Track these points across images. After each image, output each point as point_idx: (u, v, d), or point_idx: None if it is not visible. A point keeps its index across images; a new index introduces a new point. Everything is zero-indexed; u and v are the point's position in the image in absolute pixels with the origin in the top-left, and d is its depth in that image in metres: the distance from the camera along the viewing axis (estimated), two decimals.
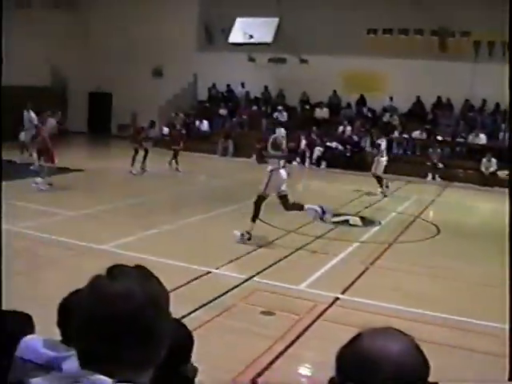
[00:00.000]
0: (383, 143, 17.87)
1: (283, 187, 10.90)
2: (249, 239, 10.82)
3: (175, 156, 20.05)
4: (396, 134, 24.22)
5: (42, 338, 3.11)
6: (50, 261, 9.25)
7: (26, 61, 26.42)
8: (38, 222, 11.60)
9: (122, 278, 1.45)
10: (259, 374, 5.75)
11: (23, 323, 3.75)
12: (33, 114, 19.91)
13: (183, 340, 2.62)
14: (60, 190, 15.09)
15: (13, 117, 22.65)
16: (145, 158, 18.69)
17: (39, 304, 7.23)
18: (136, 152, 18.46)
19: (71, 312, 2.86)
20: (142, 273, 1.50)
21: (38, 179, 14.85)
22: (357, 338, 1.46)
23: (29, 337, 3.15)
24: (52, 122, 15.28)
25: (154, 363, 1.48)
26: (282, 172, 10.93)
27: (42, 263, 9.11)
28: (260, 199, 11.03)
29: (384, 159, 17.76)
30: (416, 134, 24.14)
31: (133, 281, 1.44)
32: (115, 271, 1.48)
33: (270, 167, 10.93)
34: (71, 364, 2.82)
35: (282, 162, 11.06)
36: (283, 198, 10.91)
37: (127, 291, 1.42)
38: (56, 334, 3.47)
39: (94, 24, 30.32)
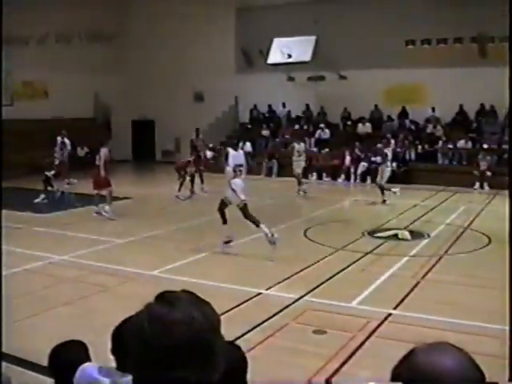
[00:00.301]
0: (389, 152, 18.00)
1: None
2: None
3: (200, 177, 20.57)
4: (440, 144, 23.98)
5: (97, 365, 3.19)
6: (101, 289, 9.40)
7: (70, 94, 27.06)
8: (88, 250, 11.81)
9: (178, 304, 1.48)
10: None
11: (79, 351, 3.84)
12: (67, 141, 20.31)
13: (237, 362, 2.66)
14: (108, 219, 15.35)
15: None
16: (192, 181, 19.05)
17: (93, 332, 7.39)
18: (186, 178, 18.85)
19: (125, 339, 2.94)
20: (193, 297, 1.53)
21: (106, 208, 15.30)
22: (411, 354, 1.46)
23: (85, 364, 3.24)
24: (105, 151, 15.57)
25: None
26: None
27: (93, 291, 9.25)
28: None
29: (389, 169, 18.10)
30: (461, 143, 23.85)
31: (190, 306, 1.47)
32: (169, 298, 1.50)
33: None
34: None
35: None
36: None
37: (188, 317, 1.45)
38: (110, 361, 3.55)
39: (133, 53, 30.93)
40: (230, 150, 12.42)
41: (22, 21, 24.55)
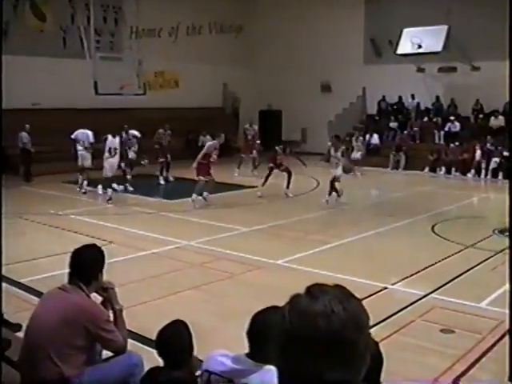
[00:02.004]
0: None
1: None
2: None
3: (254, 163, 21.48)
4: None
5: (227, 352, 3.22)
6: (227, 275, 9.54)
7: (200, 84, 27.74)
8: (214, 237, 12.04)
9: (322, 297, 1.45)
10: None
11: (183, 332, 3.91)
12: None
13: (374, 359, 2.59)
14: (236, 207, 15.61)
15: (186, 138, 23.85)
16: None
17: (217, 316, 7.53)
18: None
19: (263, 329, 2.94)
20: (341, 291, 1.49)
21: (205, 193, 15.68)
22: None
23: (217, 351, 3.28)
24: (211, 144, 15.81)
25: None
26: None
27: (219, 277, 9.41)
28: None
29: None
30: None
31: (333, 300, 1.44)
32: (315, 290, 1.48)
33: None
34: (257, 379, 2.91)
35: None
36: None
37: (328, 311, 1.41)
38: (229, 347, 3.57)
39: (260, 44, 31.19)
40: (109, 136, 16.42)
41: (153, 13, 25.39)
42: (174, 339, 3.83)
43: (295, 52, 29.76)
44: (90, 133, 17.69)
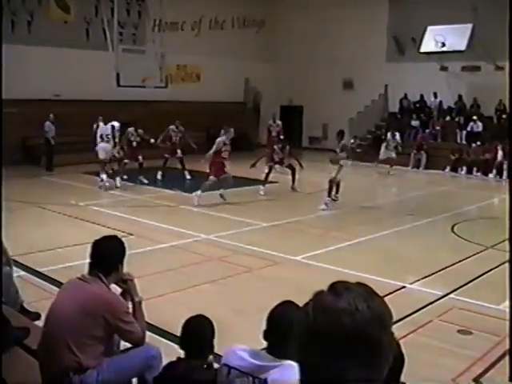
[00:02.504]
0: None
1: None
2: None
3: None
4: None
5: (248, 347, 3.22)
6: (245, 270, 9.55)
7: (221, 78, 27.78)
8: (233, 231, 12.08)
9: (346, 294, 1.44)
10: None
11: (206, 327, 3.94)
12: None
13: (396, 359, 2.57)
14: (255, 202, 15.61)
15: (209, 132, 23.84)
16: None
17: (234, 311, 7.53)
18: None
19: (282, 324, 2.94)
20: (365, 289, 1.49)
21: (221, 190, 15.56)
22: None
23: (237, 346, 3.28)
24: (220, 140, 15.43)
25: None
26: None
27: (237, 272, 9.42)
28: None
29: None
30: None
31: (357, 298, 1.43)
32: (339, 287, 1.47)
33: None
34: (277, 374, 2.91)
35: None
36: None
37: (352, 308, 1.41)
38: (246, 341, 3.57)
39: (282, 39, 31.19)
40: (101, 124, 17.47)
41: (176, 6, 25.44)
42: (199, 331, 3.86)
43: (317, 48, 29.67)
44: (108, 126, 17.75)
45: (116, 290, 4.53)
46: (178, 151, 19.09)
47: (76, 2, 24.41)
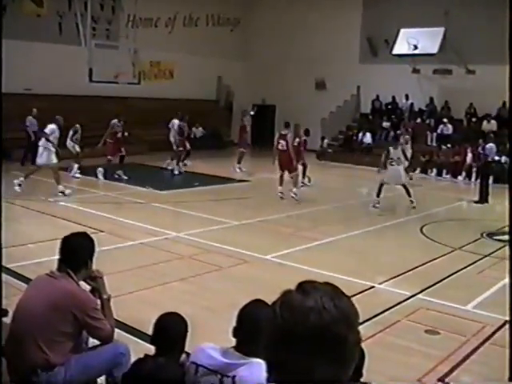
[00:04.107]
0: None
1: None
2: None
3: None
4: None
5: (216, 345, 3.23)
6: (215, 268, 9.55)
7: (194, 76, 27.72)
8: (203, 229, 12.06)
9: (313, 293, 1.46)
10: None
11: (180, 325, 3.95)
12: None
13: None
14: (226, 200, 15.60)
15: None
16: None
17: (205, 309, 7.53)
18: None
19: (251, 323, 2.96)
20: (332, 289, 1.51)
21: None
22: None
23: (205, 344, 3.29)
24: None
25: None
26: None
27: (207, 270, 9.41)
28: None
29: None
30: None
31: (324, 297, 1.46)
32: (307, 286, 1.50)
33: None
34: (245, 372, 2.92)
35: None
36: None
37: (319, 307, 1.43)
38: (216, 340, 3.59)
39: (257, 39, 31.25)
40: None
41: (151, 2, 25.33)
42: (172, 329, 3.86)
43: (291, 48, 29.74)
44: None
45: (85, 287, 4.50)
46: (122, 149, 18.35)
47: None
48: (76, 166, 17.82)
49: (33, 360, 4.03)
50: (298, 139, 16.87)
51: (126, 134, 18.18)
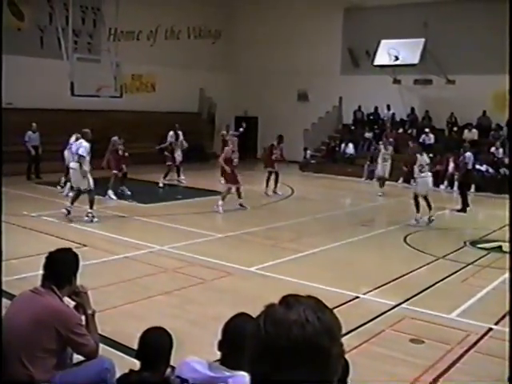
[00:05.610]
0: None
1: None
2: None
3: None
4: None
5: (201, 359, 3.24)
6: (199, 281, 9.53)
7: (176, 88, 27.75)
8: (187, 242, 12.04)
9: (296, 307, 1.48)
10: None
11: (165, 339, 3.95)
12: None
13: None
14: (210, 213, 15.58)
15: (161, 143, 23.68)
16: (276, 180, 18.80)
17: (189, 322, 7.52)
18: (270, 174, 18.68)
19: (236, 336, 2.96)
20: (315, 302, 1.53)
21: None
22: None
23: (190, 357, 3.29)
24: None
25: None
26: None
27: (191, 283, 9.39)
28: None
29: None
30: None
31: (307, 310, 1.47)
32: (290, 300, 1.51)
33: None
34: None
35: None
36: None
37: (302, 320, 1.44)
38: (202, 353, 3.59)
39: (239, 51, 31.36)
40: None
41: (132, 16, 25.36)
42: (157, 343, 3.87)
43: (273, 60, 29.86)
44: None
45: (69, 303, 4.49)
46: (123, 166, 17.90)
47: (30, 9, 24.10)
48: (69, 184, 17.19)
49: (16, 377, 4.01)
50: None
51: (126, 154, 17.82)
